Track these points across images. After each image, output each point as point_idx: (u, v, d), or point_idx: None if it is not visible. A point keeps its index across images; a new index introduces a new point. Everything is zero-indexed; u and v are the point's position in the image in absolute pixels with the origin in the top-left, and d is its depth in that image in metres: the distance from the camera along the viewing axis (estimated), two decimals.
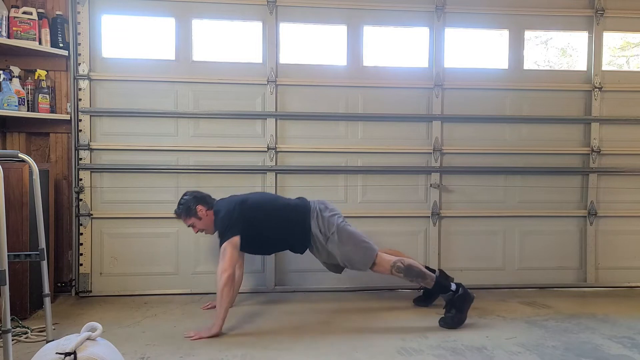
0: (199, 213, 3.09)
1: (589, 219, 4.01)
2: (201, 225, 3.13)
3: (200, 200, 3.11)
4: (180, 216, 3.14)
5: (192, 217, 3.11)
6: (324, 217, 3.10)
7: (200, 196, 3.15)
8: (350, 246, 3.05)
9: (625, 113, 4.03)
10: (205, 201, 3.13)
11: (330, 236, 3.05)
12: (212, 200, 3.16)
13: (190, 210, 3.09)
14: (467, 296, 3.03)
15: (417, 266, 3.10)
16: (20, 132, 3.57)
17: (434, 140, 3.89)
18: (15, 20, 3.36)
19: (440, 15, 3.87)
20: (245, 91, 3.76)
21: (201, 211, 3.09)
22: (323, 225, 3.08)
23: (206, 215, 3.10)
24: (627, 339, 2.81)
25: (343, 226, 3.09)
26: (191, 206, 3.09)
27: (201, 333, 2.79)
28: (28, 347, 2.58)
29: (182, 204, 3.13)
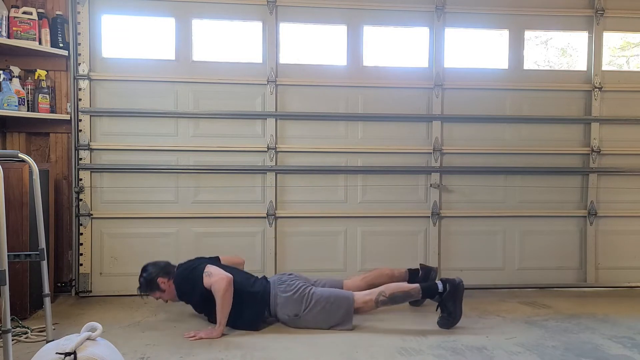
0: (161, 286, 3.00)
1: (589, 219, 4.01)
2: (167, 296, 3.04)
3: (160, 272, 3.01)
4: (144, 293, 3.04)
5: (155, 291, 3.02)
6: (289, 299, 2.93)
7: (159, 267, 3.04)
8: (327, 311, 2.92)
9: (625, 113, 4.03)
10: (165, 271, 3.03)
11: (302, 315, 2.92)
12: (171, 269, 3.06)
13: (153, 284, 3.00)
14: (455, 290, 2.95)
15: (400, 289, 2.99)
16: (20, 132, 3.57)
17: (434, 140, 3.89)
18: (15, 20, 3.36)
19: (440, 15, 3.87)
20: (245, 91, 3.76)
21: (163, 283, 3.00)
22: (291, 309, 2.93)
23: (169, 286, 3.00)
24: (627, 339, 2.81)
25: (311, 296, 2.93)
26: (152, 280, 2.99)
27: (201, 334, 2.78)
28: (28, 347, 2.57)
29: (142, 282, 3.02)
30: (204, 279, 2.87)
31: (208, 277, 2.86)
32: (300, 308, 2.92)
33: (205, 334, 2.79)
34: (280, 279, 3.07)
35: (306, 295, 2.94)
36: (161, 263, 3.08)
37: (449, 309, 2.96)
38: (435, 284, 3.01)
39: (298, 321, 2.93)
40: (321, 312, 2.92)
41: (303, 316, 2.92)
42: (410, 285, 3.05)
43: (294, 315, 2.93)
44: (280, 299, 2.96)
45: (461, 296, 2.98)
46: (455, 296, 2.96)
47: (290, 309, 2.94)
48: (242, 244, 3.72)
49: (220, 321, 2.81)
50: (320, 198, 3.83)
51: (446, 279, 3.03)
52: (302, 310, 2.92)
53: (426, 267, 3.38)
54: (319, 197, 3.83)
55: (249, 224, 3.77)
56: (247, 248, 3.72)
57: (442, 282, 3.00)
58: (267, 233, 3.77)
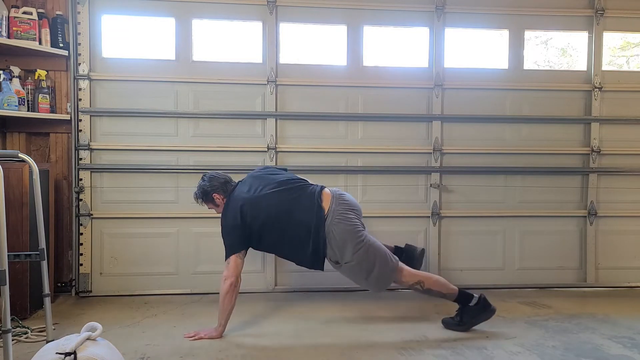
0: (215, 201, 3.03)
1: (589, 219, 4.01)
2: (220, 210, 3.04)
3: (217, 189, 3.01)
4: (198, 199, 3.07)
5: (209, 202, 3.05)
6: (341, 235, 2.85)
7: (218, 183, 3.01)
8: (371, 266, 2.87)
9: (625, 113, 4.03)
10: (222, 189, 3.01)
11: (343, 265, 2.87)
12: (230, 187, 3.03)
13: (207, 196, 3.03)
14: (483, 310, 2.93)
15: (438, 289, 2.94)
16: (20, 132, 3.57)
17: (434, 140, 3.89)
18: (15, 20, 3.36)
19: (440, 15, 3.87)
20: (245, 91, 3.76)
21: (217, 199, 3.02)
22: (340, 248, 2.85)
23: (223, 201, 3.01)
24: (627, 339, 2.81)
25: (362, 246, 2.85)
26: (207, 192, 3.02)
27: (201, 334, 2.79)
28: (28, 347, 2.57)
29: (199, 188, 3.05)
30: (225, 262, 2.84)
31: (226, 264, 2.84)
32: (342, 256, 2.84)
33: (205, 334, 2.79)
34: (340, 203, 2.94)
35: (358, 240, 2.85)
36: (221, 179, 3.05)
37: (464, 319, 2.94)
38: (472, 296, 2.96)
39: (338, 268, 2.92)
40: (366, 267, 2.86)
41: (343, 267, 2.88)
42: (450, 287, 2.96)
43: (335, 262, 2.89)
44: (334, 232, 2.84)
45: (484, 319, 2.95)
46: (477, 314, 2.94)
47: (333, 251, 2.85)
48: None
49: (220, 321, 2.81)
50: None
51: (485, 298, 2.97)
52: (343, 260, 2.84)
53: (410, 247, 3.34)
54: None
55: None
56: None
57: (478, 297, 2.96)
58: None
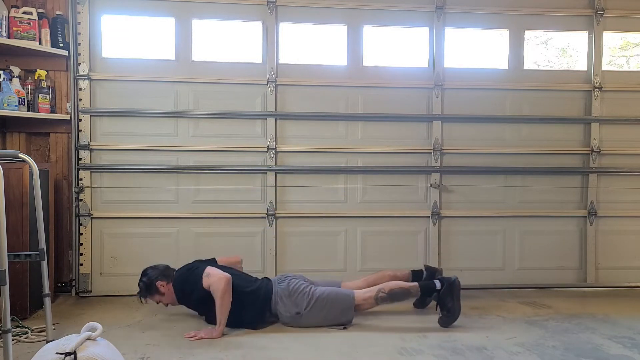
0: (160, 289, 2.99)
1: (589, 219, 4.01)
2: (167, 300, 3.03)
3: (159, 276, 3.01)
4: (143, 297, 3.03)
5: (155, 294, 3.01)
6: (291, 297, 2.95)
7: (158, 271, 3.03)
8: (327, 307, 2.94)
9: (625, 113, 4.03)
10: (164, 274, 3.02)
11: (304, 312, 2.93)
12: (170, 272, 3.06)
13: (152, 287, 2.99)
14: (451, 288, 2.99)
15: (398, 286, 3.03)
16: (20, 132, 3.57)
17: (434, 140, 3.89)
18: (15, 20, 3.36)
19: (440, 15, 3.87)
20: (245, 91, 3.76)
21: (162, 286, 2.99)
22: (291, 307, 2.94)
23: (168, 289, 3.00)
24: (627, 339, 2.81)
25: (312, 296, 2.94)
26: (151, 283, 2.99)
27: (201, 334, 2.79)
28: (28, 347, 2.57)
29: (141, 286, 3.01)
30: (203, 280, 2.87)
31: (207, 278, 2.87)
32: (302, 306, 2.94)
33: (205, 333, 2.79)
34: (281, 278, 3.09)
35: (307, 293, 2.96)
36: (160, 267, 3.08)
37: (447, 306, 2.98)
38: (433, 282, 3.06)
39: (299, 319, 2.94)
40: (323, 310, 2.94)
41: (305, 314, 2.93)
42: (410, 283, 3.10)
43: (296, 314, 2.94)
44: (281, 297, 2.97)
45: (458, 293, 3.01)
46: (452, 293, 2.99)
47: (291, 307, 2.95)
48: (242, 244, 3.72)
49: (220, 321, 2.81)
50: (320, 198, 3.83)
51: (443, 277, 3.09)
52: (303, 308, 2.93)
53: (431, 268, 3.37)
54: (319, 197, 3.83)
55: (249, 224, 3.77)
56: (247, 248, 3.72)
57: (440, 280, 3.05)
58: (267, 233, 3.77)
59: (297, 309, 2.94)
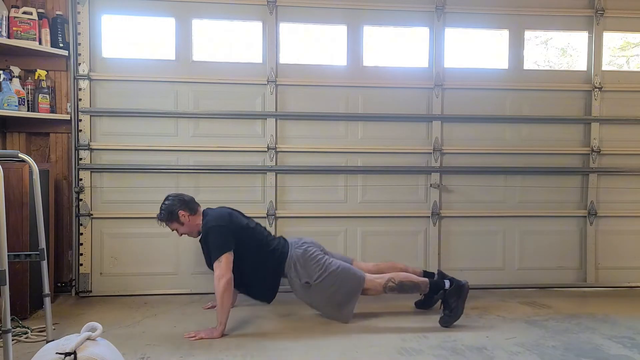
0: (181, 218, 3.00)
1: (589, 219, 4.01)
2: (184, 230, 3.05)
3: (183, 205, 3.01)
4: (163, 221, 3.04)
5: (174, 222, 3.02)
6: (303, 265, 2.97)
7: (183, 201, 3.03)
8: (337, 285, 2.96)
9: (625, 113, 4.03)
10: (188, 206, 3.03)
11: (314, 284, 2.94)
12: (194, 205, 3.07)
13: (173, 214, 2.99)
14: (459, 290, 3.01)
15: (409, 279, 3.05)
16: (20, 132, 3.57)
17: (434, 140, 3.89)
18: (15, 20, 3.36)
19: (440, 15, 3.87)
20: (245, 91, 3.76)
21: (183, 216, 3.00)
22: (303, 275, 2.96)
23: (189, 220, 3.01)
24: (627, 339, 2.81)
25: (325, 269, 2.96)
26: (173, 211, 2.99)
27: (201, 334, 2.78)
28: (28, 347, 2.57)
29: (163, 209, 3.01)
30: (214, 263, 2.86)
31: (217, 264, 2.84)
32: (313, 276, 2.94)
33: (205, 333, 2.79)
34: (298, 242, 3.09)
35: (321, 265, 2.96)
36: (187, 197, 3.07)
37: (451, 306, 2.99)
38: (443, 281, 3.07)
39: (307, 290, 2.94)
40: (332, 286, 2.95)
41: (314, 286, 2.94)
42: (420, 278, 3.10)
43: (305, 283, 2.94)
44: (295, 262, 2.97)
45: (465, 296, 3.03)
46: (458, 294, 3.01)
47: (303, 274, 2.95)
48: None
49: (221, 320, 2.81)
50: (320, 198, 3.83)
51: (453, 277, 3.09)
52: (314, 279, 2.94)
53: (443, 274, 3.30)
54: (319, 197, 3.83)
55: None
56: None
57: (450, 281, 3.06)
58: None
59: (307, 278, 2.95)
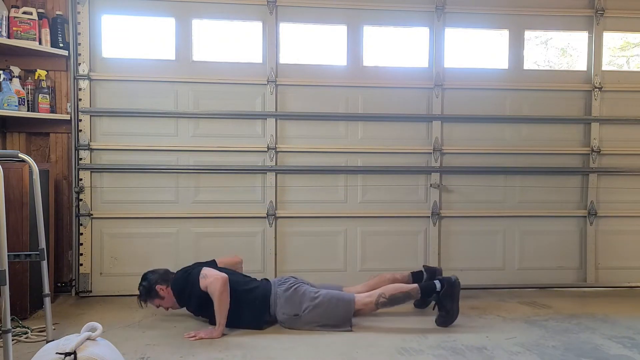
0: (160, 293, 2.99)
1: (589, 219, 4.01)
2: (167, 304, 3.03)
3: (159, 280, 3.01)
4: (144, 301, 3.03)
5: (155, 299, 3.01)
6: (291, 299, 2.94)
7: (157, 275, 3.03)
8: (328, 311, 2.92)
9: (625, 113, 4.03)
10: (163, 278, 3.02)
11: (302, 314, 2.92)
12: (170, 275, 3.06)
13: (152, 292, 2.99)
14: (452, 288, 2.99)
15: (399, 290, 3.02)
16: (20, 132, 3.57)
17: (434, 140, 3.89)
18: (15, 20, 3.36)
19: (440, 15, 3.87)
20: (245, 91, 3.76)
21: (161, 290, 2.99)
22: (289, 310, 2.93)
23: (167, 293, 3.00)
24: (627, 339, 2.81)
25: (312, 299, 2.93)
26: (151, 288, 2.99)
27: (201, 334, 2.79)
28: (28, 347, 2.57)
29: (141, 290, 3.01)
30: (200, 281, 2.87)
31: (204, 279, 2.86)
32: (300, 308, 2.93)
33: (205, 334, 2.79)
34: (281, 279, 3.08)
35: (307, 296, 2.95)
36: (160, 271, 3.08)
37: (446, 307, 2.99)
38: (433, 283, 3.05)
39: (298, 321, 2.93)
40: (321, 313, 2.93)
41: (303, 316, 2.92)
42: (410, 285, 3.09)
43: (294, 315, 2.93)
44: (280, 298, 2.96)
45: (458, 294, 3.01)
46: (452, 294, 3.00)
47: (290, 308, 2.94)
48: (242, 244, 3.72)
49: (220, 321, 2.81)
50: (320, 198, 3.83)
51: (443, 277, 3.08)
52: (302, 310, 2.92)
53: (430, 268, 3.36)
54: (319, 197, 3.83)
55: (249, 224, 3.77)
56: (247, 248, 3.72)
57: (440, 281, 3.04)
58: (267, 233, 3.77)
59: (295, 310, 2.93)
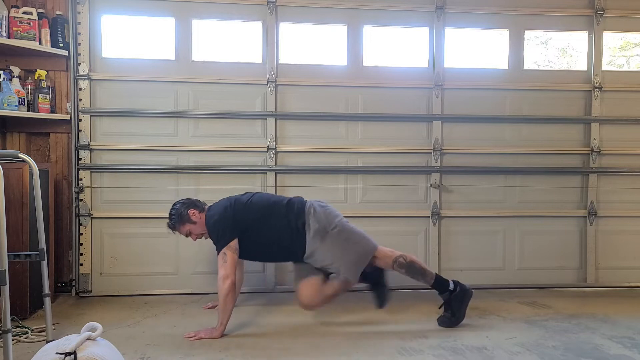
0: (192, 217, 2.98)
1: (589, 219, 4.01)
2: (198, 230, 3.01)
3: (191, 205, 3.01)
4: (175, 226, 3.02)
5: (186, 223, 2.99)
6: (322, 212, 2.98)
7: (190, 201, 3.05)
8: (351, 242, 2.96)
9: (625, 113, 4.03)
10: (196, 205, 3.03)
11: (330, 231, 2.93)
12: (202, 204, 3.07)
13: (183, 216, 2.98)
14: (464, 295, 3.01)
15: (419, 263, 3.05)
16: (20, 132, 3.57)
17: (434, 140, 3.89)
18: (15, 20, 3.36)
19: (440, 15, 3.87)
20: (245, 91, 3.76)
21: (194, 215, 2.98)
22: (322, 220, 2.95)
23: (200, 218, 2.99)
24: (627, 339, 2.81)
25: (342, 222, 3.00)
26: (183, 212, 2.98)
27: (201, 334, 2.78)
28: (28, 347, 2.57)
29: (173, 214, 3.01)
30: (219, 260, 2.85)
31: (222, 263, 2.83)
32: (331, 224, 2.94)
33: (205, 333, 2.79)
34: (320, 201, 3.12)
35: (340, 219, 3.00)
36: (192, 199, 3.10)
37: (454, 309, 2.99)
38: (448, 281, 3.04)
39: (322, 238, 2.91)
40: (346, 240, 2.94)
41: (330, 233, 2.92)
42: (429, 269, 3.08)
43: (322, 228, 2.92)
44: (315, 209, 2.97)
45: (468, 301, 3.03)
46: (462, 299, 3.01)
47: (322, 219, 2.94)
48: None
49: (221, 321, 2.81)
50: (320, 198, 3.81)
51: (458, 281, 3.07)
52: (331, 226, 2.93)
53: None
54: (319, 197, 3.80)
55: None
56: None
57: (454, 283, 3.04)
58: None
59: (326, 223, 2.93)
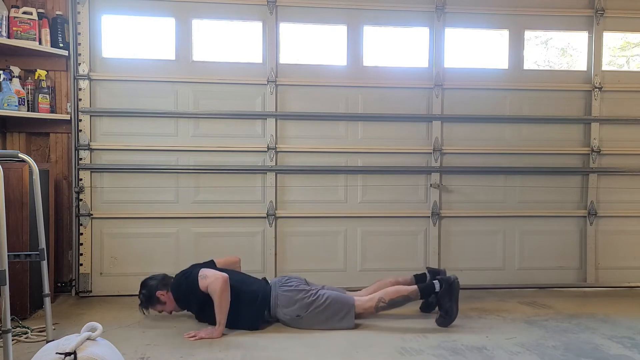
0: (161, 298, 3.00)
1: (589, 219, 4.01)
2: (169, 308, 3.04)
3: (159, 285, 3.01)
4: (146, 309, 3.04)
5: (156, 304, 3.02)
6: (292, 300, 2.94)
7: (155, 281, 3.03)
8: (329, 313, 2.93)
9: (625, 113, 4.03)
10: (162, 283, 3.02)
11: (305, 315, 2.92)
12: (169, 279, 3.06)
13: (152, 299, 3.00)
14: (450, 288, 2.98)
15: (398, 294, 3.01)
16: (20, 132, 3.57)
17: (434, 140, 3.89)
18: (15, 20, 3.36)
19: (440, 15, 3.87)
20: (245, 91, 3.76)
21: (162, 295, 3.00)
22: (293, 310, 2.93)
23: (168, 298, 3.00)
24: (627, 339, 2.81)
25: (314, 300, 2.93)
26: (152, 295, 2.99)
27: (201, 334, 2.79)
28: (28, 347, 2.57)
29: (141, 298, 3.02)
30: (200, 282, 2.86)
31: (204, 280, 2.85)
32: (302, 309, 2.93)
33: (205, 333, 2.79)
34: (282, 279, 3.08)
35: (308, 296, 2.95)
36: (158, 276, 3.08)
37: (445, 307, 2.98)
38: (432, 284, 3.04)
39: (299, 321, 2.93)
40: (322, 313, 2.93)
41: (305, 316, 2.92)
42: (409, 288, 3.07)
43: (296, 316, 2.93)
44: (281, 299, 2.96)
45: (456, 294, 3.00)
46: (450, 294, 2.99)
47: (292, 309, 2.94)
48: (242, 244, 3.73)
49: (220, 321, 2.81)
50: (320, 198, 3.83)
51: (442, 277, 3.07)
52: (304, 311, 2.92)
53: (433, 270, 3.33)
54: (319, 197, 3.83)
55: (249, 224, 3.77)
56: (247, 248, 3.73)
57: (439, 281, 3.03)
58: (267, 233, 3.77)
59: (297, 311, 2.93)
